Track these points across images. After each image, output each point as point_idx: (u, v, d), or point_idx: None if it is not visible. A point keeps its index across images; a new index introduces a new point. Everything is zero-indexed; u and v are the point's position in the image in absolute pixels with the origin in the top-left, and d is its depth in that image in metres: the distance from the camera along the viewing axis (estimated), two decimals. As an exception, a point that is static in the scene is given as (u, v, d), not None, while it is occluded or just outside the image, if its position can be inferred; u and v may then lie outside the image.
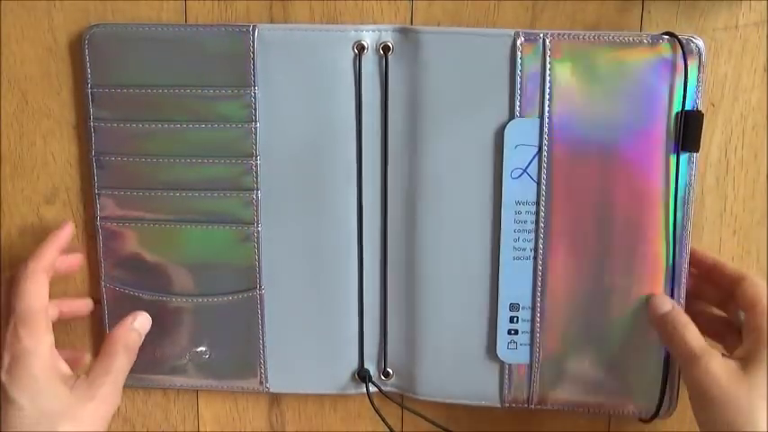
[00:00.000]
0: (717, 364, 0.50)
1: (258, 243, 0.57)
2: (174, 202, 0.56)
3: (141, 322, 0.57)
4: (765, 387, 0.49)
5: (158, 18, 0.57)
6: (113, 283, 0.58)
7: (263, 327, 0.58)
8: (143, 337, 0.57)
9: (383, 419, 0.58)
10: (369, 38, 0.54)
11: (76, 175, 0.59)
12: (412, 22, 0.56)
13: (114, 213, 0.57)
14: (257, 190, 0.56)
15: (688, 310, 0.55)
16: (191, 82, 0.55)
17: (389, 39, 0.54)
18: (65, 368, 0.53)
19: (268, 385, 0.59)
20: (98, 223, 0.58)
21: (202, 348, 0.59)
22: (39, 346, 0.52)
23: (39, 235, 0.59)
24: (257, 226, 0.57)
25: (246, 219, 0.56)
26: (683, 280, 0.55)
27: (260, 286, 0.57)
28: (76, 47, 0.57)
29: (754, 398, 0.49)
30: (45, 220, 0.60)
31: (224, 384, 0.60)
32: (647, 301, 0.55)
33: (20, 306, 0.52)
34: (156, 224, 0.57)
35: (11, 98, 0.58)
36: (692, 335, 0.52)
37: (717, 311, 0.57)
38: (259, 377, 0.59)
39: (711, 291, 0.56)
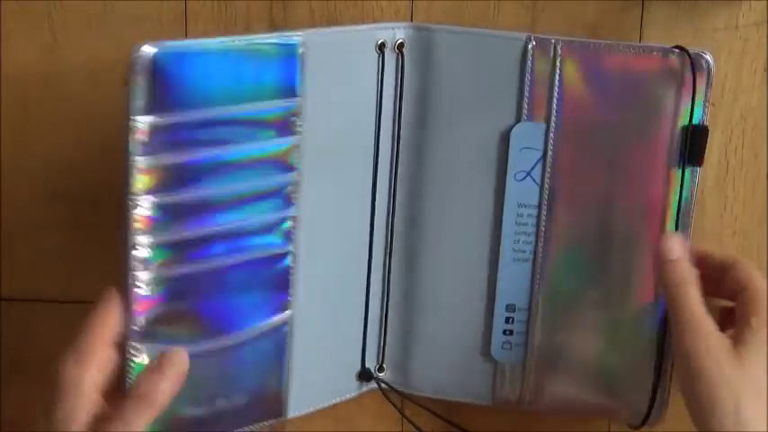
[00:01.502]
0: (715, 337, 0.48)
1: (296, 260, 0.52)
2: (212, 236, 0.49)
3: (172, 361, 0.47)
4: (756, 373, 0.48)
5: (158, 18, 0.57)
6: (142, 344, 0.48)
7: (291, 350, 0.54)
8: (177, 380, 0.47)
9: (409, 420, 0.58)
10: (385, 36, 0.54)
11: (78, 175, 0.59)
12: (412, 22, 0.56)
13: (151, 263, 0.48)
14: (295, 205, 0.51)
15: None
16: (243, 99, 0.48)
17: (403, 36, 0.54)
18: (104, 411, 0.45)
19: (288, 411, 0.55)
20: (130, 280, 0.47)
21: (229, 394, 0.52)
22: (78, 384, 0.44)
23: (39, 235, 0.59)
24: (295, 245, 0.52)
25: (283, 239, 0.51)
26: None
27: (291, 307, 0.53)
28: (79, 50, 0.57)
29: (743, 383, 0.47)
30: (45, 219, 0.59)
31: (246, 425, 0.54)
32: (660, 242, 0.52)
33: (79, 334, 0.46)
34: (193, 264, 0.49)
35: (11, 97, 0.58)
36: (695, 296, 0.49)
37: (725, 303, 0.54)
38: (283, 406, 0.55)
39: (712, 284, 0.53)
